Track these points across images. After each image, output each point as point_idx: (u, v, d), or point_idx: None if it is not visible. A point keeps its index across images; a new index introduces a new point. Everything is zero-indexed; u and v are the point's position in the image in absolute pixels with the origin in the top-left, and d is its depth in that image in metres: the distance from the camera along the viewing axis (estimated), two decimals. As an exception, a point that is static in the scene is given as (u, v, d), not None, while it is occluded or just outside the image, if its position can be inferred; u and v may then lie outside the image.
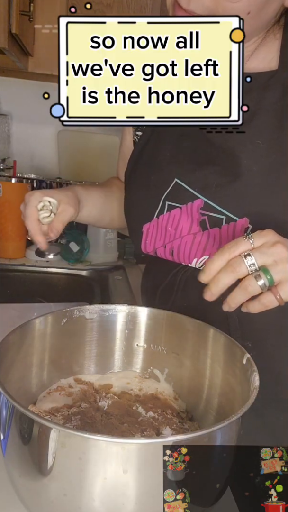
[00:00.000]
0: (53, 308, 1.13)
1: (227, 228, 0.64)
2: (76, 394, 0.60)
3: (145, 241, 0.73)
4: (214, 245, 0.66)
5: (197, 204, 0.67)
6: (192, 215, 0.67)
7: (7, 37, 1.16)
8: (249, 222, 0.63)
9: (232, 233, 0.64)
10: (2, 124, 1.92)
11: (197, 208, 0.67)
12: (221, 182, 0.65)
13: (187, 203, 0.67)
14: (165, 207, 0.70)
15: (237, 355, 0.54)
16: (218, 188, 0.65)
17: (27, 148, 2.00)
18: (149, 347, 0.65)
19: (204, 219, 0.66)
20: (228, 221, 0.64)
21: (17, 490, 0.46)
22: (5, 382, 0.44)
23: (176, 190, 0.69)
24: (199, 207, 0.66)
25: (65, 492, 0.41)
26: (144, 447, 0.40)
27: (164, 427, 0.54)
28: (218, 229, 0.65)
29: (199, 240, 0.67)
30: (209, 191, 0.66)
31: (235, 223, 0.64)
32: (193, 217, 0.67)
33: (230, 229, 0.64)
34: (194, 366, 0.61)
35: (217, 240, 0.66)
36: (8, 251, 1.43)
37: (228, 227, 0.64)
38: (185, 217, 0.68)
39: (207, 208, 0.66)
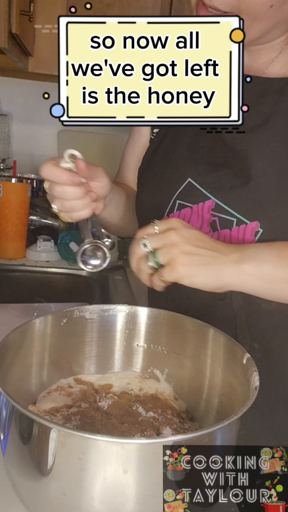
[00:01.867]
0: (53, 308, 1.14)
1: (237, 231, 0.64)
2: (76, 394, 0.60)
3: None
4: None
5: (208, 205, 0.66)
6: (202, 216, 0.67)
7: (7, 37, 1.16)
8: (259, 226, 0.63)
9: (242, 236, 0.64)
10: (2, 124, 1.92)
11: (208, 209, 0.66)
12: (234, 184, 0.64)
13: (198, 203, 0.67)
14: (176, 205, 0.70)
15: (237, 355, 0.54)
16: (231, 190, 0.65)
17: (27, 148, 2.00)
18: (149, 347, 0.65)
19: (214, 220, 0.66)
20: (239, 224, 0.64)
21: (17, 490, 0.46)
22: (5, 382, 0.44)
23: (189, 189, 0.68)
24: (210, 208, 0.66)
25: (65, 492, 0.41)
26: (144, 447, 0.40)
27: (164, 427, 0.54)
28: (229, 231, 0.65)
29: None
30: (222, 192, 0.65)
31: (246, 226, 0.63)
32: (204, 217, 0.67)
33: (240, 232, 0.64)
34: (194, 366, 0.61)
35: (227, 242, 0.65)
36: (8, 251, 1.43)
37: (239, 230, 0.64)
38: (195, 217, 0.68)
39: (218, 210, 0.65)
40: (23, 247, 1.47)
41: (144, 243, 0.56)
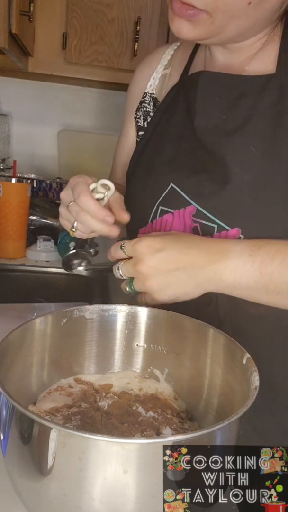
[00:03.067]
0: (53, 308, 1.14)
1: (219, 237, 0.62)
2: (76, 394, 0.60)
3: None
4: None
5: (189, 211, 0.65)
6: (184, 222, 0.66)
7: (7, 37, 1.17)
8: (240, 232, 0.61)
9: None
10: (2, 124, 1.93)
11: (189, 214, 0.65)
12: (212, 189, 0.63)
13: (180, 209, 0.66)
14: (158, 212, 0.69)
15: (237, 355, 0.54)
16: (210, 196, 0.63)
17: (27, 148, 2.00)
18: (149, 347, 0.65)
19: (196, 226, 0.65)
20: (220, 230, 0.62)
21: (17, 490, 0.46)
22: (5, 382, 0.44)
23: (171, 195, 0.67)
24: (191, 213, 0.65)
25: (65, 492, 0.41)
26: (144, 447, 0.40)
27: (164, 427, 0.54)
28: (210, 237, 0.62)
29: None
30: (202, 198, 0.64)
31: (227, 232, 0.62)
32: (186, 223, 0.66)
33: (222, 238, 0.62)
34: (194, 366, 0.61)
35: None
36: (8, 251, 1.43)
37: (220, 236, 0.62)
38: (177, 222, 0.67)
39: (199, 216, 0.64)
40: (23, 247, 1.47)
41: (119, 271, 0.60)
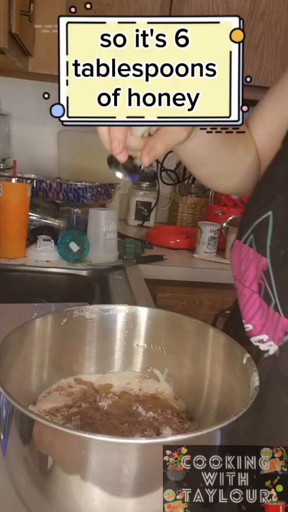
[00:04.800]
0: (53, 308, 1.14)
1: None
2: (76, 394, 0.60)
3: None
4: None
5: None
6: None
7: (7, 37, 1.17)
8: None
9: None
10: (2, 124, 1.93)
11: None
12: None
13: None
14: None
15: (237, 355, 0.54)
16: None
17: (27, 148, 2.00)
18: (149, 347, 0.65)
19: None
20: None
21: (17, 490, 0.46)
22: (5, 382, 0.44)
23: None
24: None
25: (65, 492, 0.41)
26: (144, 447, 0.40)
27: (164, 427, 0.54)
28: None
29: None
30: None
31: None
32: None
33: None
34: (194, 366, 0.61)
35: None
36: (8, 251, 1.43)
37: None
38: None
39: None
40: (23, 247, 1.47)
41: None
